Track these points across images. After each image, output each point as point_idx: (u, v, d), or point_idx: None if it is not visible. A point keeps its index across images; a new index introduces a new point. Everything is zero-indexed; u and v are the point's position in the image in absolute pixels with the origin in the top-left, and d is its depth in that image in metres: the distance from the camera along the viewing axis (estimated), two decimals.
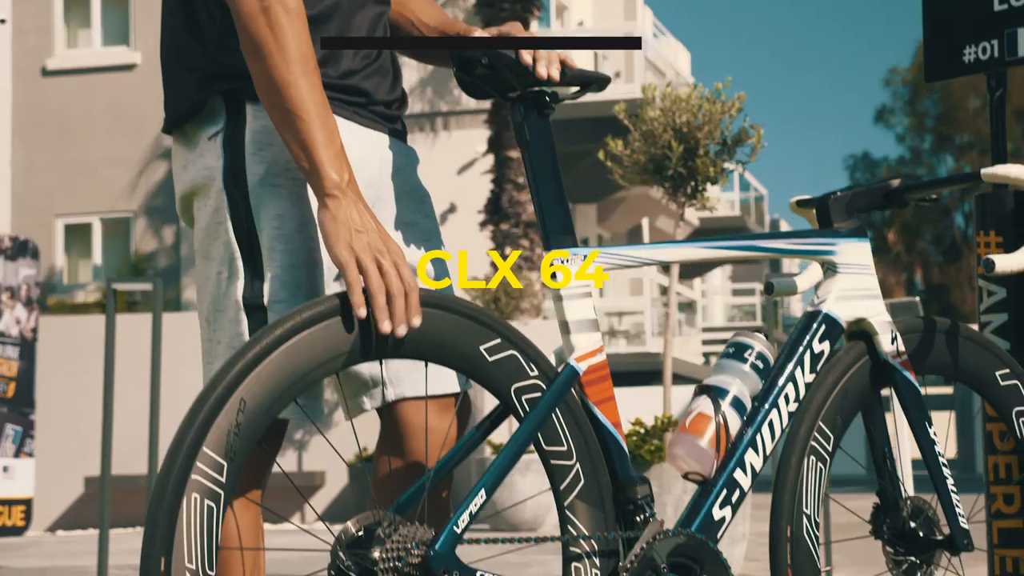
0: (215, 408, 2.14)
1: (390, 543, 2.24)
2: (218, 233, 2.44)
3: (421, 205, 2.64)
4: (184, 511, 2.10)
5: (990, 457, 3.14)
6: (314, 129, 2.30)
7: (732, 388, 2.69)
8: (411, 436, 2.57)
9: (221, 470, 2.13)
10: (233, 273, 2.42)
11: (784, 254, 2.78)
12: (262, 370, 2.18)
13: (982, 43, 3.25)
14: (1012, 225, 3.14)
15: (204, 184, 2.46)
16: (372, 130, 2.54)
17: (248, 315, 2.41)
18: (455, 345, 2.37)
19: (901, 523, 2.86)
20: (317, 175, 2.30)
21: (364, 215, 2.31)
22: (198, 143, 2.47)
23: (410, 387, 2.57)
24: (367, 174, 2.51)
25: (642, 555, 2.45)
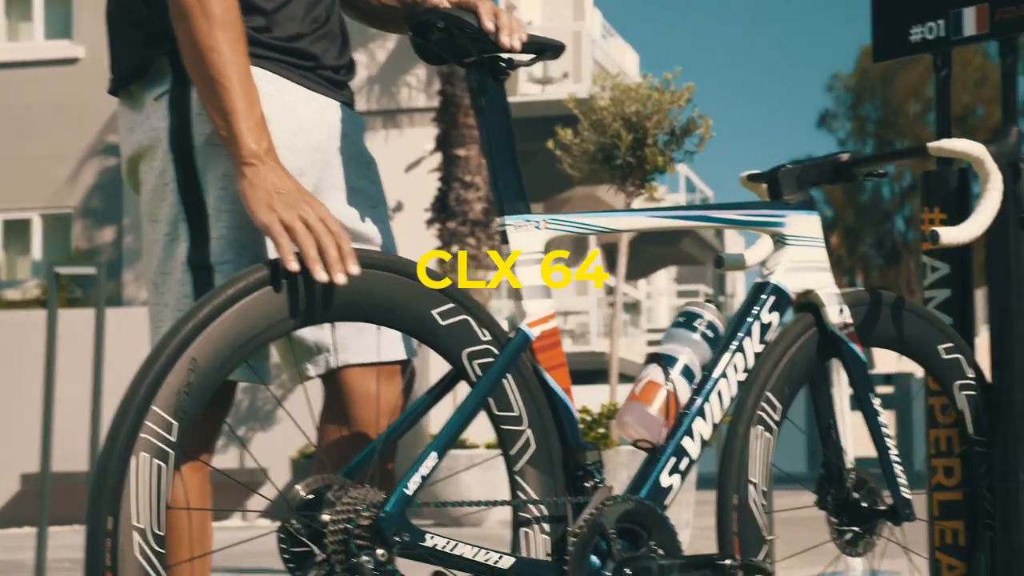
0: (165, 367, 2.13)
1: (340, 505, 2.24)
2: (164, 195, 2.43)
3: (367, 171, 2.64)
4: (132, 470, 2.09)
5: (932, 430, 3.18)
6: (235, 96, 2.30)
7: (682, 357, 2.71)
8: (355, 403, 2.56)
9: (170, 429, 2.13)
10: (179, 235, 2.42)
11: (734, 224, 2.81)
12: (213, 329, 2.18)
13: (928, 23, 3.30)
14: (956, 202, 3.18)
15: (150, 146, 2.45)
16: (320, 95, 2.54)
17: (194, 276, 2.40)
18: (407, 309, 2.37)
19: (845, 494, 2.89)
20: (235, 143, 2.30)
21: (283, 178, 2.31)
22: (144, 104, 2.47)
23: (355, 354, 2.57)
24: (315, 137, 2.51)
25: (591, 520, 2.47)
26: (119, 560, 2.06)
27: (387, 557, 2.22)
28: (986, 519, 3.05)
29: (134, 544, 2.08)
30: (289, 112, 2.46)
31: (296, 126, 2.47)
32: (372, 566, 2.20)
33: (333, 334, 2.55)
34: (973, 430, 3.04)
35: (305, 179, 2.49)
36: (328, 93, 2.56)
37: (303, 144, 2.48)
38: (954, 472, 3.13)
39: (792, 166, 2.91)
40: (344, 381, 2.56)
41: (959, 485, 3.12)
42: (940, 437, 3.15)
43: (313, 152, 2.50)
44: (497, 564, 2.36)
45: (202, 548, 2.38)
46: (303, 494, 2.28)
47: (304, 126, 2.48)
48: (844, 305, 2.87)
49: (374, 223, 2.60)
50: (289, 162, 2.44)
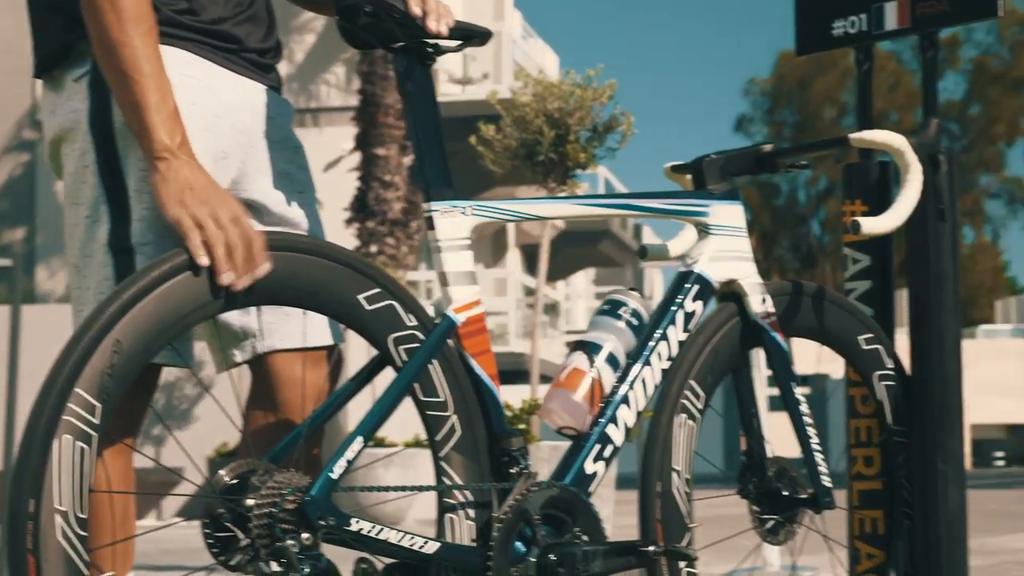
0: (89, 348, 2.11)
1: (265, 490, 2.23)
2: (85, 177, 2.41)
3: (295, 156, 2.62)
4: (55, 452, 2.06)
5: (852, 420, 3.21)
6: (147, 90, 2.27)
7: (607, 344, 2.72)
8: (282, 388, 2.55)
9: (94, 411, 2.10)
10: (100, 217, 2.39)
11: (658, 213, 2.82)
12: (137, 312, 2.15)
13: (850, 17, 3.33)
14: (877, 194, 3.21)
15: (71, 128, 2.42)
16: (244, 77, 2.52)
17: (115, 258, 2.37)
18: (333, 293, 2.36)
19: (766, 482, 2.91)
20: (148, 137, 2.27)
21: (197, 173, 2.28)
22: (65, 86, 2.44)
23: (280, 339, 2.56)
24: (239, 120, 2.50)
25: (516, 506, 2.47)
26: (41, 543, 2.04)
27: (312, 541, 2.21)
28: (904, 508, 3.09)
29: (56, 527, 2.05)
30: (212, 94, 2.44)
31: (219, 108, 2.45)
32: (297, 550, 2.19)
33: (259, 319, 2.54)
34: (892, 420, 3.07)
35: (229, 162, 2.48)
36: (253, 76, 2.54)
37: (227, 126, 2.46)
38: (873, 462, 3.16)
39: (716, 156, 2.93)
40: (270, 366, 2.55)
41: (878, 474, 3.15)
42: (860, 427, 3.18)
43: (237, 135, 2.49)
44: (422, 549, 2.36)
45: (124, 533, 2.36)
46: (227, 479, 2.26)
47: (228, 108, 2.47)
48: (766, 295, 2.89)
49: (300, 207, 2.59)
50: (213, 144, 2.43)
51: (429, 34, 2.47)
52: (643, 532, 2.71)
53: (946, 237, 3.06)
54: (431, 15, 2.45)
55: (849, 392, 3.20)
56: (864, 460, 3.17)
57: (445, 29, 2.47)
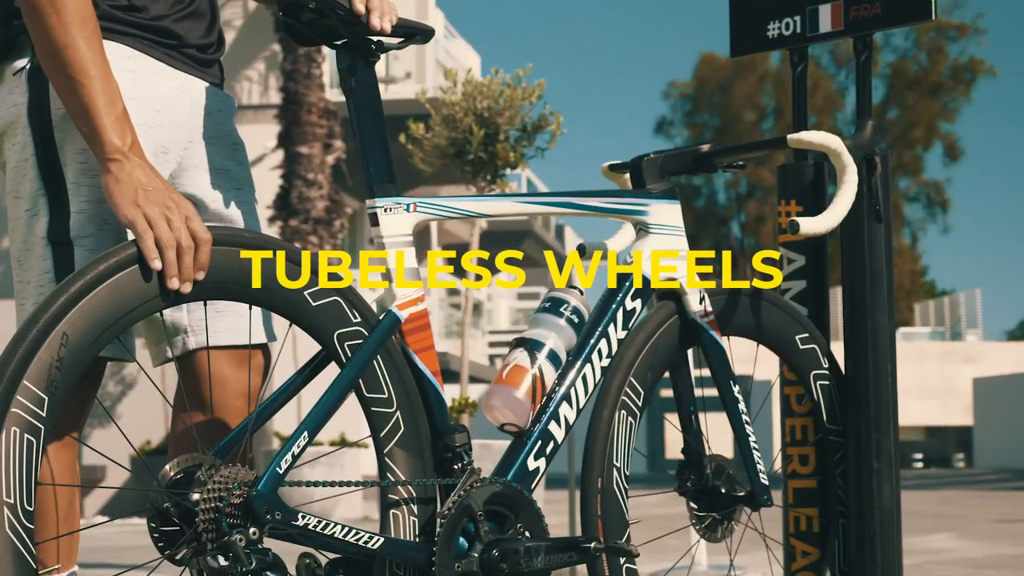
0: (37, 341, 2.10)
1: (212, 484, 2.22)
2: (25, 170, 2.40)
3: (234, 152, 2.62)
4: (2, 444, 2.06)
5: (787, 419, 3.24)
6: (95, 93, 2.26)
7: (548, 341, 2.74)
8: (209, 385, 2.54)
9: (41, 404, 2.10)
10: (39, 210, 2.38)
11: (598, 212, 2.83)
12: (85, 305, 2.15)
13: (785, 19, 3.36)
14: (811, 194, 3.25)
15: (12, 121, 2.41)
16: (183, 72, 2.52)
17: (54, 251, 2.36)
18: (279, 289, 2.36)
19: (704, 480, 2.94)
20: (98, 140, 2.27)
21: (150, 175, 2.28)
22: (4, 80, 2.43)
23: (212, 336, 2.55)
24: (178, 115, 2.49)
25: (459, 502, 2.48)
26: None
27: (258, 535, 2.21)
28: (839, 506, 3.13)
29: (4, 520, 2.04)
30: (151, 88, 2.44)
31: (158, 103, 2.45)
32: (244, 544, 2.18)
33: (191, 316, 2.53)
34: (827, 419, 3.11)
35: (169, 157, 2.47)
36: (192, 71, 2.53)
37: (166, 120, 2.46)
38: (809, 460, 3.19)
39: (655, 155, 2.95)
40: (199, 364, 2.54)
41: (813, 473, 3.19)
42: (796, 426, 3.21)
43: (176, 129, 2.48)
44: (367, 545, 2.36)
45: (69, 527, 2.35)
46: (172, 474, 2.25)
47: (166, 103, 2.46)
48: (704, 294, 2.92)
49: (238, 205, 2.58)
50: (152, 139, 2.42)
51: (372, 31, 2.47)
52: (584, 528, 2.73)
53: (880, 238, 3.10)
54: (375, 12, 2.45)
55: (784, 391, 3.23)
56: (800, 458, 3.20)
57: (388, 26, 2.47)
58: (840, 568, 3.12)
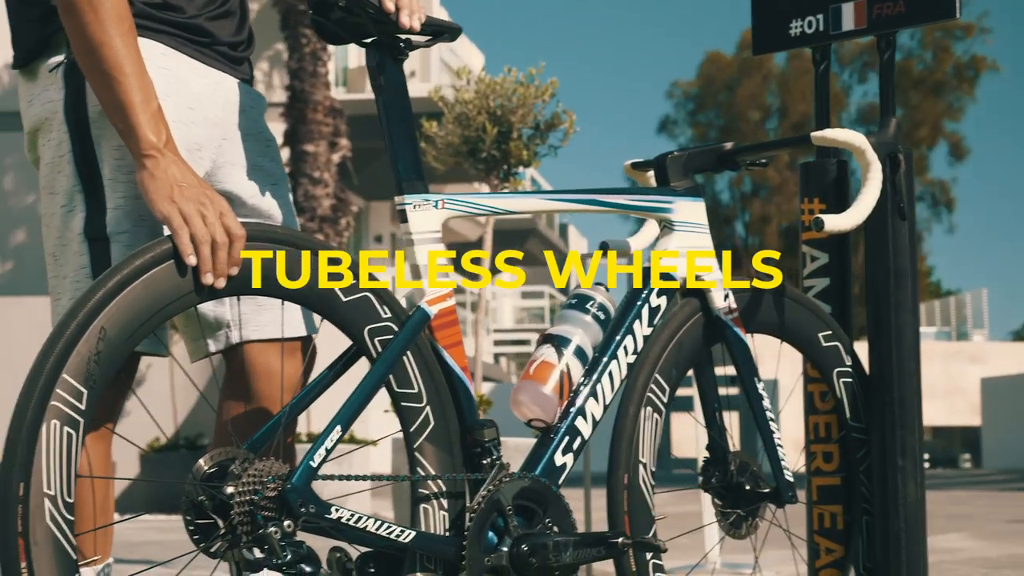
0: (75, 335, 2.12)
1: (246, 477, 2.24)
2: (61, 166, 2.41)
3: (267, 149, 2.64)
4: (43, 437, 2.08)
5: (811, 417, 3.25)
6: (130, 90, 2.28)
7: (575, 338, 2.75)
8: (256, 378, 2.57)
9: (81, 397, 2.11)
10: (75, 206, 2.40)
11: (624, 209, 2.85)
12: (122, 300, 2.17)
13: (808, 17, 3.37)
14: (834, 193, 3.25)
15: (47, 118, 2.43)
16: (215, 69, 2.53)
17: (91, 247, 2.38)
18: (311, 285, 2.38)
19: (728, 477, 2.95)
20: (133, 137, 2.29)
21: (184, 171, 2.30)
22: (40, 77, 2.44)
23: (254, 330, 2.57)
24: (211, 112, 2.51)
25: (489, 497, 2.49)
26: (30, 526, 2.05)
27: (293, 528, 2.23)
28: (863, 503, 3.13)
29: (45, 511, 2.06)
30: (184, 86, 2.45)
31: (192, 100, 2.46)
32: (278, 536, 2.20)
33: (233, 310, 2.55)
34: (851, 416, 3.12)
35: (203, 154, 2.48)
36: (224, 69, 2.55)
37: (199, 118, 2.47)
38: (832, 458, 3.20)
39: (679, 153, 2.96)
40: (245, 357, 2.56)
41: (837, 470, 3.19)
42: (819, 423, 3.22)
43: (210, 127, 2.50)
44: (399, 538, 2.38)
45: (105, 519, 2.36)
46: (206, 467, 2.27)
47: (199, 100, 2.48)
48: (728, 291, 2.93)
49: (274, 199, 2.60)
50: (186, 136, 2.43)
51: (401, 29, 2.48)
52: (611, 524, 2.74)
53: (904, 236, 3.11)
54: (404, 10, 2.47)
55: (808, 388, 3.24)
56: (823, 456, 3.21)
57: (417, 24, 2.49)
58: (864, 565, 3.12)
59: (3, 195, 18.99)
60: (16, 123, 13.76)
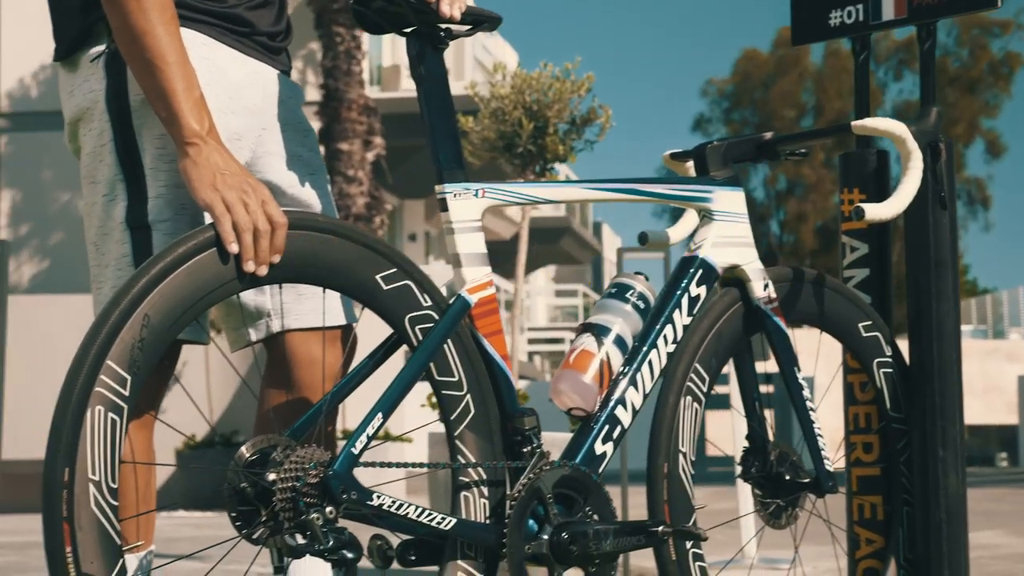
0: (119, 322, 2.13)
1: (288, 464, 2.24)
2: (102, 155, 2.43)
3: (306, 139, 2.64)
4: (88, 423, 2.09)
5: (850, 407, 3.24)
6: (173, 78, 2.29)
7: (615, 327, 2.75)
8: (298, 367, 2.58)
9: (125, 383, 2.13)
10: (117, 194, 2.41)
11: (663, 199, 2.84)
12: (166, 286, 2.18)
13: (848, 7, 3.36)
14: (874, 183, 3.24)
15: (88, 107, 2.44)
16: (254, 59, 2.54)
17: (132, 236, 2.40)
18: (352, 272, 2.39)
19: (768, 466, 2.94)
20: (176, 124, 2.30)
21: (227, 159, 2.31)
22: (81, 67, 2.45)
23: (295, 319, 2.58)
24: (251, 101, 2.51)
25: (529, 485, 2.49)
26: (75, 512, 2.06)
27: (335, 514, 2.23)
28: (903, 494, 3.12)
29: (90, 496, 2.07)
30: (223, 75, 2.46)
31: (231, 89, 2.47)
32: (321, 522, 2.21)
33: (274, 300, 2.56)
34: (891, 407, 3.11)
35: (243, 143, 2.49)
36: (263, 59, 2.56)
37: (239, 107, 2.48)
38: (872, 448, 3.19)
39: (718, 143, 2.96)
40: (287, 346, 2.57)
41: (877, 461, 3.18)
42: (859, 414, 3.21)
43: (249, 116, 2.50)
44: (440, 526, 2.38)
45: (147, 506, 2.37)
46: (247, 454, 2.28)
47: (239, 90, 2.49)
48: (768, 281, 2.92)
49: (313, 189, 2.61)
50: (226, 126, 2.44)
51: (442, 18, 2.48)
52: (651, 513, 2.74)
53: (945, 226, 3.10)
54: (444, 0, 2.47)
55: (848, 379, 3.23)
56: (863, 446, 3.20)
57: (458, 13, 2.49)
58: (905, 556, 3.11)
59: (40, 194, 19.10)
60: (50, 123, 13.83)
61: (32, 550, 8.13)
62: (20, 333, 10.93)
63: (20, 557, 7.60)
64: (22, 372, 12.33)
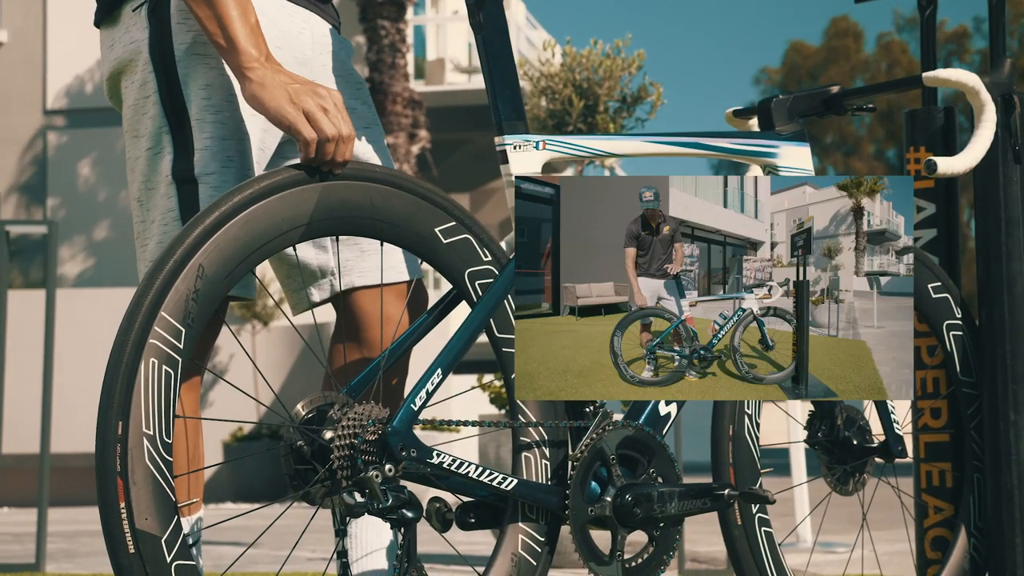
0: (173, 273, 2.07)
1: (346, 421, 2.18)
2: (146, 108, 2.36)
3: (359, 91, 2.57)
4: (141, 376, 2.02)
5: (917, 372, 3.14)
6: (227, 5, 2.24)
7: None
8: (366, 325, 2.51)
9: (179, 336, 2.06)
10: (162, 148, 2.35)
11: (727, 153, 2.76)
12: (220, 236, 2.11)
13: None
14: (941, 141, 3.15)
15: (130, 59, 2.38)
16: (301, 7, 2.47)
17: (179, 189, 2.33)
18: (410, 225, 2.32)
19: (835, 431, 2.85)
20: (235, 50, 2.24)
21: (291, 73, 2.26)
22: (121, 19, 2.39)
23: (359, 276, 2.51)
24: (299, 52, 2.45)
25: (591, 445, 2.42)
26: (129, 466, 1.99)
27: (394, 472, 2.16)
28: (973, 460, 3.03)
29: (144, 450, 2.01)
30: (272, 24, 2.39)
31: (279, 39, 2.40)
32: (379, 480, 2.13)
33: (334, 258, 2.49)
34: (961, 370, 3.02)
35: None
36: (310, 7, 2.49)
37: (288, 57, 2.41)
38: (941, 414, 3.10)
39: (783, 97, 2.87)
40: (353, 304, 2.50)
41: (946, 426, 3.09)
42: (927, 378, 3.12)
43: (299, 67, 2.44)
44: (501, 485, 2.31)
45: (196, 464, 2.31)
46: (303, 412, 2.21)
47: (286, 39, 2.42)
48: None
49: (369, 142, 2.54)
50: None
51: None
52: (715, 475, 2.66)
53: (1016, 182, 3.00)
54: None
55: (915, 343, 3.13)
56: (931, 412, 3.11)
57: None
58: (975, 524, 3.02)
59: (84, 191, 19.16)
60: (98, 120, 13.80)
61: (82, 538, 8.13)
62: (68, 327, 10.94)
63: (69, 544, 7.59)
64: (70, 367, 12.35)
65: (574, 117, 6.42)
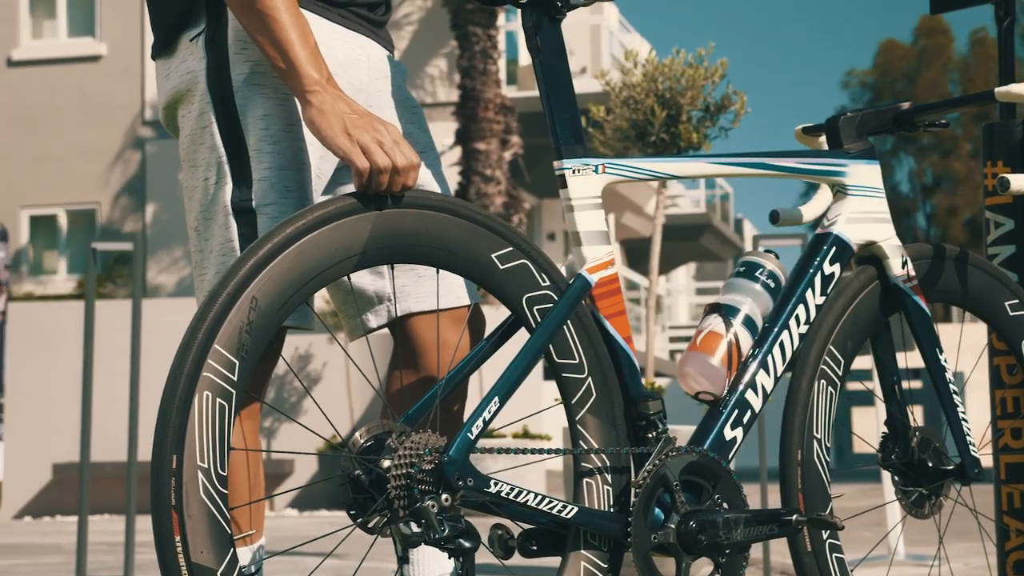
0: (227, 305, 2.07)
1: (403, 450, 2.17)
2: (203, 138, 2.37)
3: (414, 116, 2.57)
4: (196, 408, 2.03)
5: (997, 391, 3.09)
6: (287, 28, 2.24)
7: (744, 307, 2.63)
8: (424, 351, 2.51)
9: (233, 368, 2.06)
10: (220, 177, 2.36)
11: (795, 173, 2.72)
12: (274, 268, 2.11)
13: None
14: (1020, 155, 3.09)
15: (187, 89, 2.39)
16: (357, 33, 2.47)
17: (237, 219, 2.34)
18: (467, 252, 2.30)
19: (910, 453, 2.80)
20: (296, 74, 2.25)
21: (351, 102, 2.26)
22: (178, 49, 2.40)
23: (416, 302, 2.50)
24: (356, 79, 2.45)
25: (655, 471, 2.39)
26: (184, 499, 2.00)
27: (451, 501, 2.15)
28: None
29: (199, 484, 2.01)
30: (328, 52, 2.39)
31: (336, 67, 2.40)
32: (436, 510, 2.12)
33: (393, 284, 2.49)
34: None
35: None
36: (366, 33, 2.49)
37: (345, 84, 2.41)
38: (1021, 434, 3.03)
39: (852, 114, 2.82)
40: (410, 330, 2.50)
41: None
42: (1007, 398, 3.06)
43: (356, 93, 2.43)
44: (561, 514, 2.29)
45: (257, 494, 2.31)
46: (362, 441, 2.20)
47: (344, 66, 2.42)
48: (907, 258, 2.78)
49: (426, 168, 2.53)
50: None
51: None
52: (784, 500, 2.62)
53: None
54: None
55: (994, 361, 3.07)
56: (1012, 432, 3.04)
57: None
58: None
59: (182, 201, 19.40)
60: None
61: None
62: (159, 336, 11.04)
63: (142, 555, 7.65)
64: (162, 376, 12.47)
65: (656, 127, 6.38)
